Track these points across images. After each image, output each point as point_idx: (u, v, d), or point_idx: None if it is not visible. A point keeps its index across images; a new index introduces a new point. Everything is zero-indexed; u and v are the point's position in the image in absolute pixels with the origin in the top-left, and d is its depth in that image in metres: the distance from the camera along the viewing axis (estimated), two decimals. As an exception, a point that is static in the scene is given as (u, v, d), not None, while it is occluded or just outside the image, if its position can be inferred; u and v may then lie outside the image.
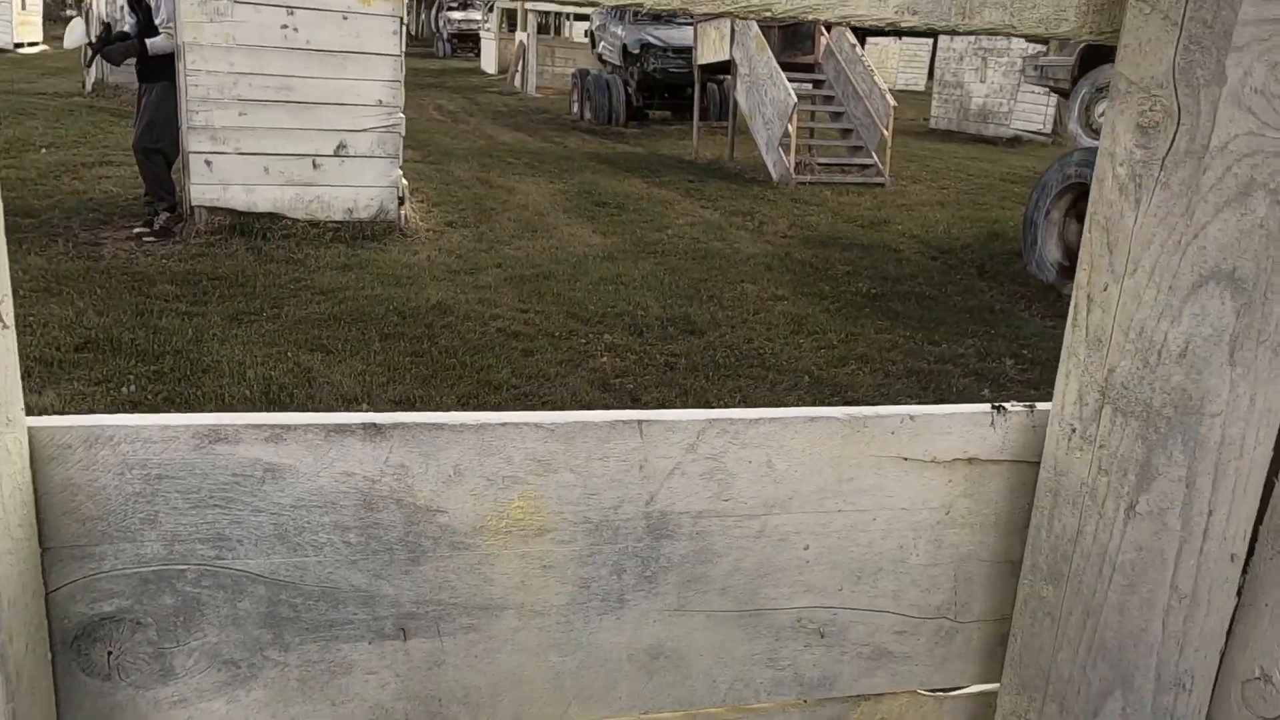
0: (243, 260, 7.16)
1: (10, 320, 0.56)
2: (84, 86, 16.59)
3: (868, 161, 12.25)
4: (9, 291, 0.56)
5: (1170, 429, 0.61)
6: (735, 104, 13.15)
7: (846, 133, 12.77)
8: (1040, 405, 0.73)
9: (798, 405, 4.19)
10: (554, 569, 0.67)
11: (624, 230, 9.04)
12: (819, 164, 12.16)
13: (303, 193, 7.86)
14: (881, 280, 7.71)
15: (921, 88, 28.00)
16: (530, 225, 9.00)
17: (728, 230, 9.33)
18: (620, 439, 0.66)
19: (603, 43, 19.28)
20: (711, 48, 13.78)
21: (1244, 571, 0.67)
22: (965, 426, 0.72)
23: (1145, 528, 0.63)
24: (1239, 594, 0.67)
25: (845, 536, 0.72)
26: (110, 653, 0.62)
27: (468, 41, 34.44)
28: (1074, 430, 0.67)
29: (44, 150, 11.02)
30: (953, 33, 0.65)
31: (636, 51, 17.31)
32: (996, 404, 0.73)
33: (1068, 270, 7.61)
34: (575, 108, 18.50)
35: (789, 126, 11.54)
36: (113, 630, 0.62)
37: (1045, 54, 8.63)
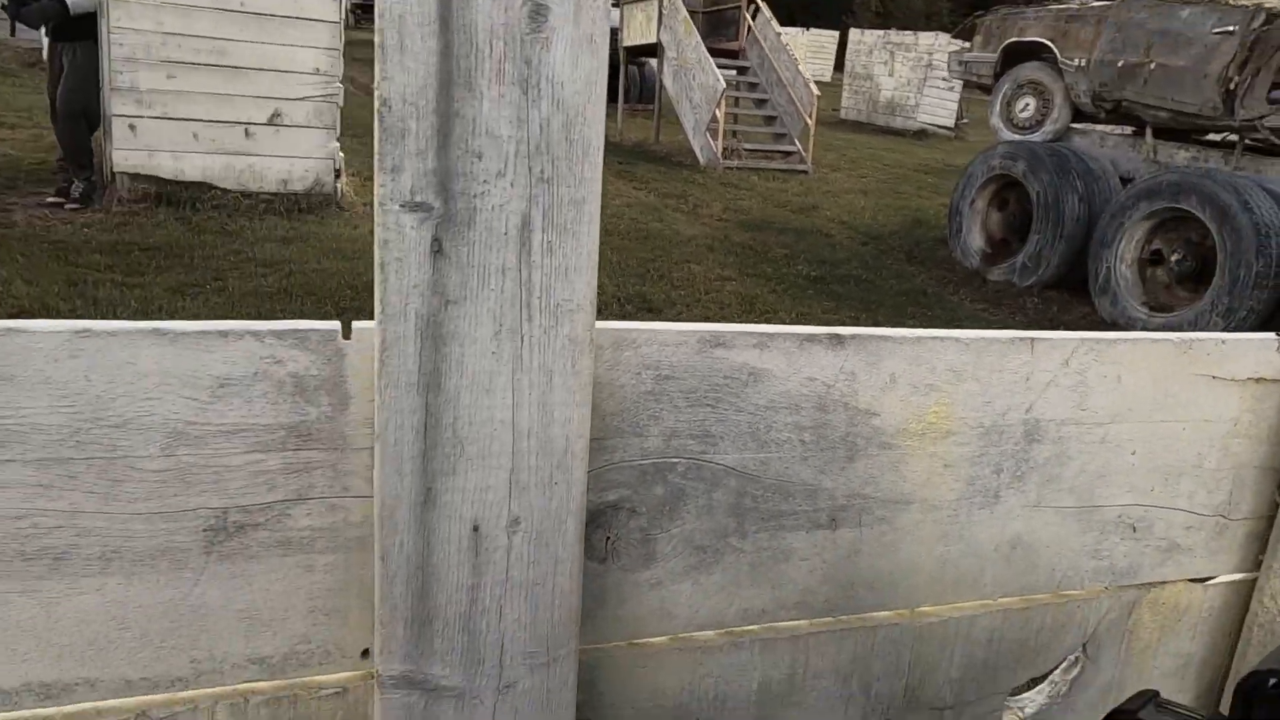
0: (173, 231, 6.84)
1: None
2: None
3: (791, 149, 12.58)
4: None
5: None
6: (662, 87, 13.25)
7: (770, 119, 13.06)
8: (1315, 332, 0.87)
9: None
10: (952, 468, 0.77)
11: (563, 209, 9.04)
12: (745, 149, 12.41)
13: (234, 161, 7.54)
14: (819, 263, 7.99)
15: (829, 78, 28.76)
16: (468, 202, 8.89)
17: (664, 212, 9.45)
18: (1016, 354, 0.76)
19: (521, 20, 19.05)
20: (638, 29, 13.83)
21: None
22: (1257, 350, 0.85)
23: None
24: None
25: (1162, 444, 0.84)
26: (608, 538, 0.68)
27: (371, 12, 33.29)
28: (1368, 349, 0.81)
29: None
30: None
31: (558, 31, 17.18)
32: (1281, 331, 0.86)
33: (991, 257, 8.06)
34: (493, 85, 18.25)
35: (717, 112, 11.73)
36: (613, 518, 0.68)
37: (969, 50, 9.06)
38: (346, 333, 0.59)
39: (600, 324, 0.66)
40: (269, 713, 0.62)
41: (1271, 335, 0.87)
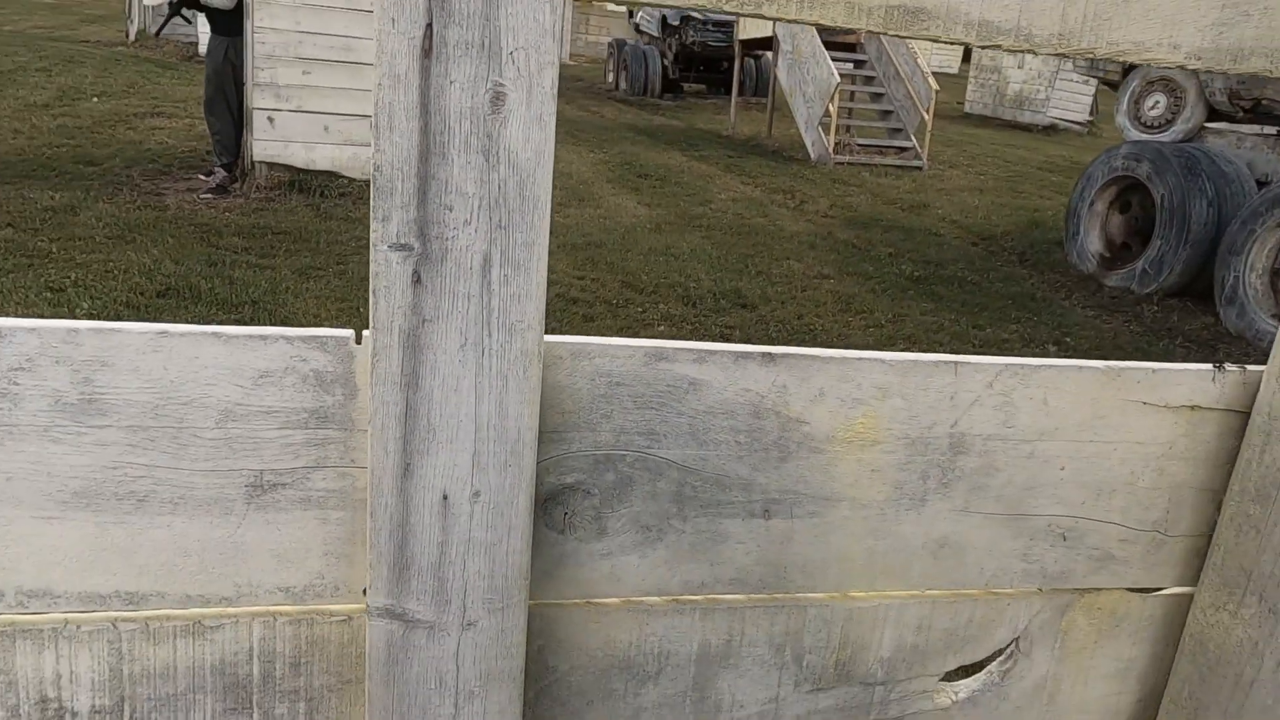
0: (303, 217, 7.36)
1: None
2: (127, 36, 16.74)
3: (906, 144, 12.33)
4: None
5: (1379, 384, 0.80)
6: (775, 80, 13.20)
7: (886, 114, 12.83)
8: (1251, 368, 0.93)
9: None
10: (879, 472, 0.88)
11: (668, 203, 9.20)
12: (858, 145, 12.25)
13: (360, 153, 8.03)
14: (924, 263, 7.87)
15: (955, 70, 27.83)
16: (577, 194, 9.17)
17: (769, 207, 9.48)
18: (941, 375, 0.86)
19: (641, 13, 19.26)
20: (754, 22, 13.80)
21: None
22: (1192, 380, 0.92)
23: (1351, 458, 0.83)
24: None
25: (1092, 462, 0.92)
26: (566, 513, 0.83)
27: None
28: (1289, 384, 0.87)
29: (95, 99, 11.20)
30: (1225, 72, 0.83)
31: (676, 23, 17.31)
32: (1218, 364, 0.92)
33: (1108, 261, 7.75)
34: (611, 77, 18.55)
35: (830, 106, 11.62)
36: (570, 496, 0.82)
37: (1097, 46, 8.68)
38: (358, 339, 0.76)
39: (562, 338, 0.80)
40: (292, 630, 0.80)
41: (1208, 366, 0.93)
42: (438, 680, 0.77)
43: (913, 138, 12.32)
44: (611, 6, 25.30)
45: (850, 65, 13.01)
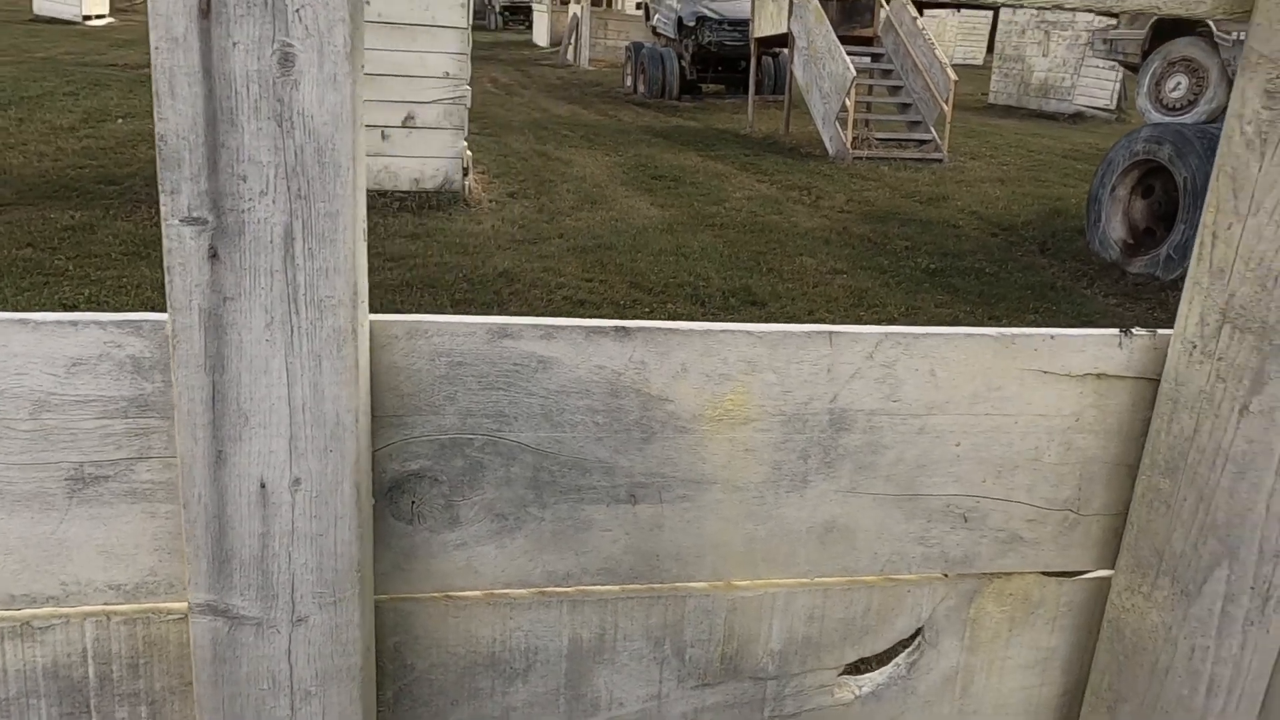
0: (316, 227, 7.42)
1: (365, 234, 0.72)
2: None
3: (926, 137, 12.16)
4: (366, 212, 0.72)
5: (1281, 341, 0.74)
6: (792, 77, 13.10)
7: (905, 107, 12.67)
8: (1161, 331, 0.86)
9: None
10: (754, 452, 0.83)
11: (682, 203, 9.15)
12: (876, 139, 12.10)
13: (371, 163, 8.09)
14: (941, 256, 7.74)
15: (980, 62, 27.46)
16: (589, 197, 9.15)
17: (784, 204, 9.39)
18: (814, 346, 0.81)
19: (657, 15, 19.25)
20: (769, 20, 13.72)
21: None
22: (1096, 346, 0.86)
23: (1256, 424, 0.76)
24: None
25: (990, 436, 0.86)
26: (413, 502, 0.79)
27: (519, 14, 34.54)
28: (1195, 347, 0.80)
29: (120, 120, 11.42)
30: (1107, 13, 0.77)
31: (691, 24, 17.27)
32: (1124, 329, 0.86)
33: (1131, 248, 7.56)
34: (629, 81, 18.54)
35: (846, 101, 11.50)
36: (416, 484, 0.78)
37: (1115, 27, 8.50)
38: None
39: (395, 316, 0.76)
40: (127, 630, 0.76)
41: (1114, 331, 0.87)
42: (270, 680, 0.73)
43: (932, 130, 12.15)
44: (630, 10, 25.31)
45: (868, 59, 12.88)
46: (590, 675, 0.85)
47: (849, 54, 11.75)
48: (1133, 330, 0.86)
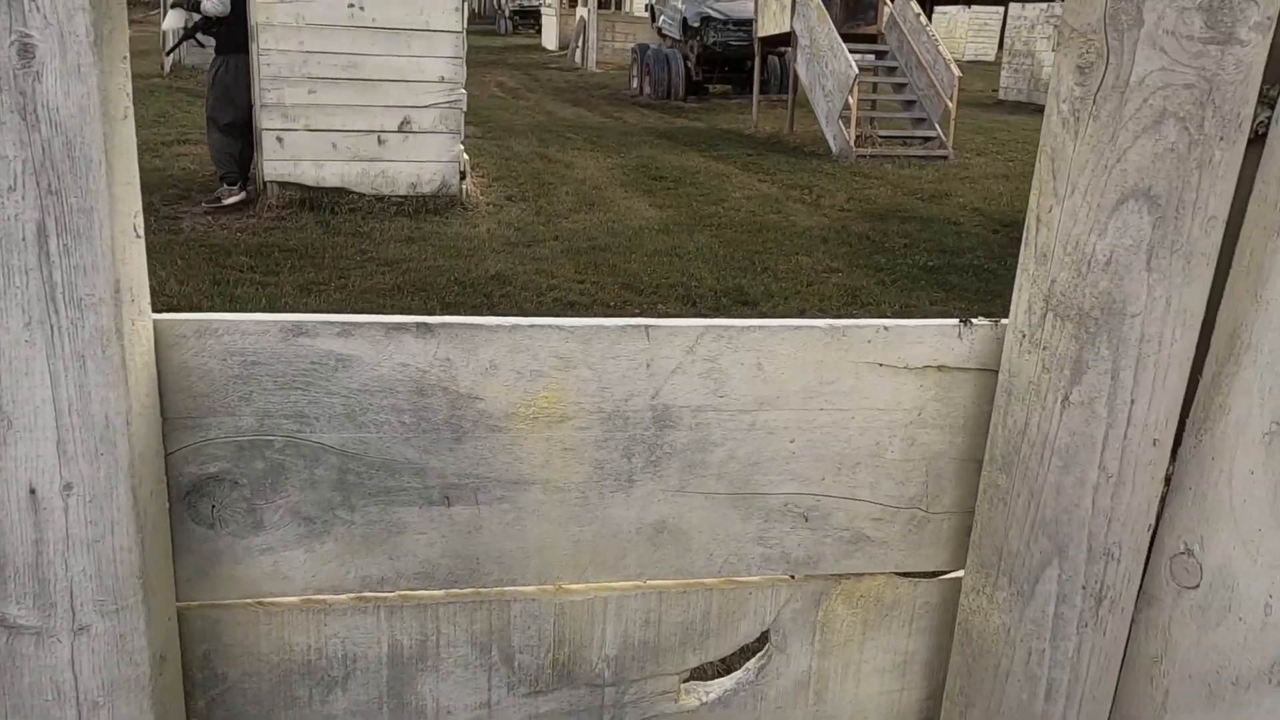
0: (312, 233, 7.45)
1: (141, 231, 0.70)
2: (163, 69, 17.24)
3: (930, 134, 12.07)
4: (140, 207, 0.70)
5: (1098, 329, 0.70)
6: (795, 76, 13.04)
7: (909, 104, 12.58)
8: (1002, 320, 0.83)
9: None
10: (573, 451, 0.80)
11: (680, 204, 9.12)
12: (880, 137, 12.02)
13: (369, 168, 8.11)
14: (940, 253, 7.66)
15: (992, 58, 27.24)
16: (588, 199, 9.14)
17: (784, 204, 9.34)
18: (630, 341, 0.78)
19: (663, 16, 19.22)
20: (772, 19, 13.67)
21: (1173, 460, 0.76)
22: (936, 337, 0.82)
23: (1078, 415, 0.72)
24: (1168, 480, 0.77)
25: (827, 432, 0.83)
26: (214, 506, 0.77)
27: (529, 18, 34.63)
28: (1024, 336, 0.76)
29: (127, 130, 11.52)
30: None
31: (696, 25, 17.23)
32: (964, 318, 0.83)
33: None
34: (635, 83, 18.53)
35: (849, 99, 11.43)
36: (215, 488, 0.76)
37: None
38: None
39: (184, 315, 0.74)
40: None
41: (953, 321, 0.83)
42: (55, 691, 0.72)
43: (937, 127, 12.05)
44: (638, 13, 25.30)
45: (871, 57, 12.79)
46: (414, 683, 0.83)
47: (852, 52, 11.68)
48: (973, 320, 0.83)
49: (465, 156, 8.51)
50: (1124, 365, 0.70)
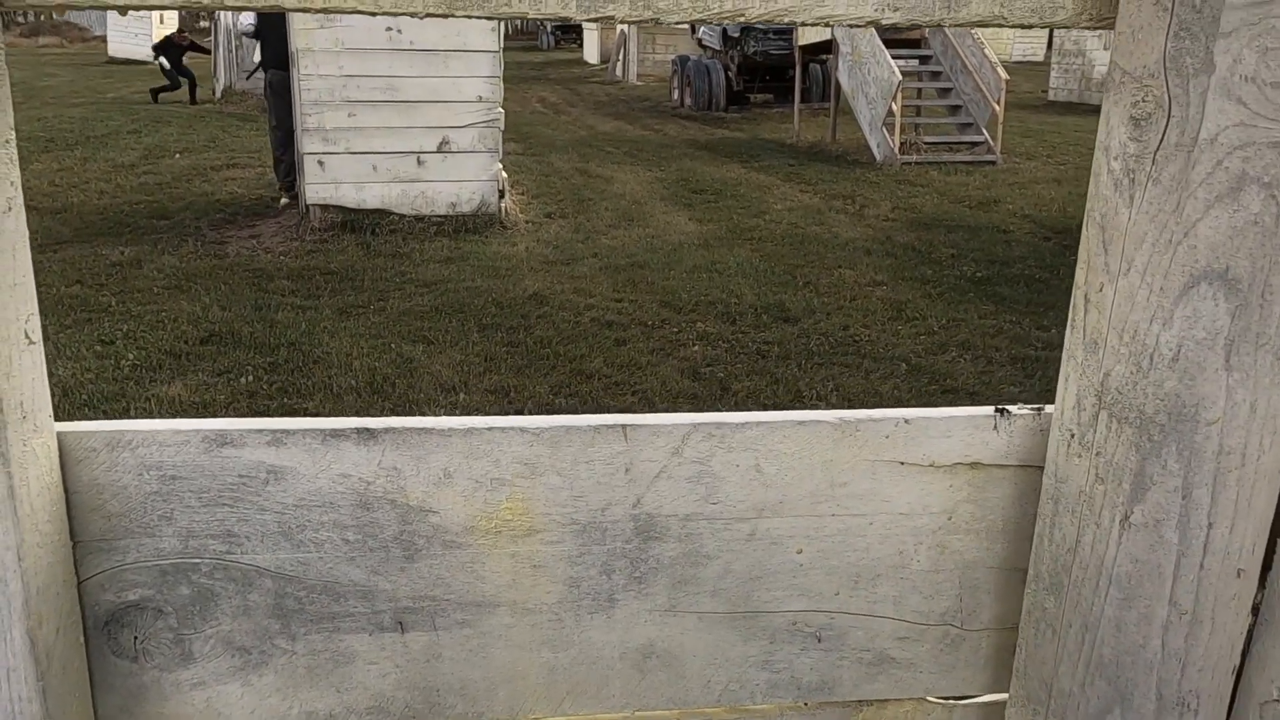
0: (353, 255, 7.49)
1: (37, 336, 0.61)
2: (214, 94, 17.65)
3: (978, 139, 11.77)
4: (35, 310, 0.61)
5: (1165, 437, 0.57)
6: (837, 84, 12.84)
7: (955, 109, 12.30)
8: (1047, 408, 0.70)
9: (894, 393, 4.08)
10: (544, 568, 0.69)
11: (720, 217, 8.99)
12: (925, 143, 11.76)
13: (408, 189, 8.14)
14: (988, 263, 7.42)
15: (1040, 58, 26.64)
16: (627, 214, 9.06)
17: (827, 214, 9.15)
18: (605, 443, 0.68)
19: (703, 27, 19.13)
20: (814, 28, 13.49)
21: (1261, 587, 0.63)
22: (966, 430, 0.70)
23: (1141, 540, 0.60)
24: (1255, 612, 0.63)
25: (841, 541, 0.71)
26: (136, 637, 0.68)
27: (571, 32, 34.82)
28: (1073, 436, 0.64)
29: (178, 155, 11.79)
30: (938, 26, 0.62)
31: (736, 34, 17.11)
32: (1000, 407, 0.70)
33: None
34: (675, 94, 18.46)
35: (893, 105, 11.20)
36: (137, 617, 0.67)
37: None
38: None
39: (93, 425, 0.66)
40: None
41: (987, 410, 0.71)
42: None
43: (984, 131, 11.75)
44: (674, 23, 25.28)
45: (915, 62, 12.54)
46: (369, 829, 0.73)
47: (895, 57, 11.45)
48: (1011, 409, 0.70)
49: (504, 175, 8.49)
50: (1198, 482, 0.57)
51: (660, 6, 0.60)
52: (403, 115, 7.96)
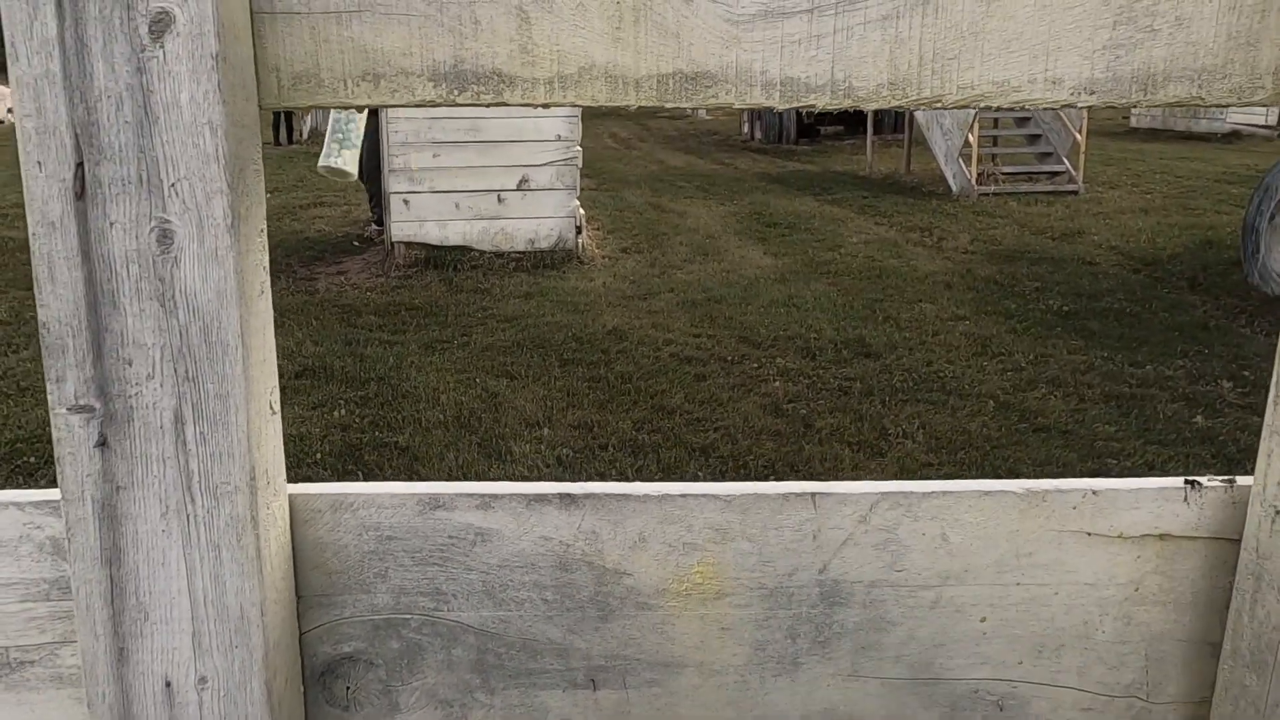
0: (436, 291, 7.69)
1: (278, 407, 0.66)
2: (301, 134, 18.41)
3: (1058, 168, 11.54)
4: (277, 383, 0.66)
5: (1388, 519, 0.57)
6: (911, 115, 12.75)
7: (1034, 139, 12.10)
8: (1240, 480, 0.70)
9: (984, 430, 3.97)
10: (731, 631, 0.71)
11: (795, 251, 8.98)
12: (1003, 174, 11.58)
13: (489, 226, 8.35)
14: (1075, 296, 7.24)
15: (1119, 84, 26.00)
16: (701, 249, 9.11)
17: (904, 247, 9.06)
18: (794, 510, 0.70)
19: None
20: (885, 60, 13.42)
21: None
22: (1155, 501, 0.70)
23: (1361, 622, 0.59)
24: None
25: (1024, 610, 0.72)
26: (349, 688, 0.72)
27: (640, 68, 35.31)
28: (1277, 512, 0.64)
29: (269, 195, 12.31)
30: (1133, 106, 0.64)
31: (807, 68, 17.15)
32: (1190, 479, 0.70)
33: (1297, 281, 6.84)
34: (745, 128, 18.57)
35: (969, 136, 11.07)
36: (350, 669, 0.71)
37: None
38: None
39: (318, 487, 0.70)
40: None
41: (1177, 481, 0.71)
42: None
43: (1065, 160, 11.52)
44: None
45: (991, 91, 12.37)
46: None
47: (970, 88, 11.33)
48: (1202, 481, 0.70)
49: (581, 211, 8.65)
50: None
51: (860, 95, 0.63)
52: (484, 155, 8.19)
